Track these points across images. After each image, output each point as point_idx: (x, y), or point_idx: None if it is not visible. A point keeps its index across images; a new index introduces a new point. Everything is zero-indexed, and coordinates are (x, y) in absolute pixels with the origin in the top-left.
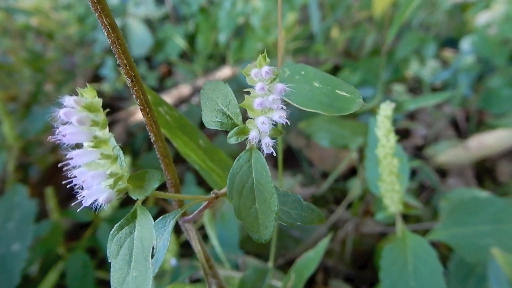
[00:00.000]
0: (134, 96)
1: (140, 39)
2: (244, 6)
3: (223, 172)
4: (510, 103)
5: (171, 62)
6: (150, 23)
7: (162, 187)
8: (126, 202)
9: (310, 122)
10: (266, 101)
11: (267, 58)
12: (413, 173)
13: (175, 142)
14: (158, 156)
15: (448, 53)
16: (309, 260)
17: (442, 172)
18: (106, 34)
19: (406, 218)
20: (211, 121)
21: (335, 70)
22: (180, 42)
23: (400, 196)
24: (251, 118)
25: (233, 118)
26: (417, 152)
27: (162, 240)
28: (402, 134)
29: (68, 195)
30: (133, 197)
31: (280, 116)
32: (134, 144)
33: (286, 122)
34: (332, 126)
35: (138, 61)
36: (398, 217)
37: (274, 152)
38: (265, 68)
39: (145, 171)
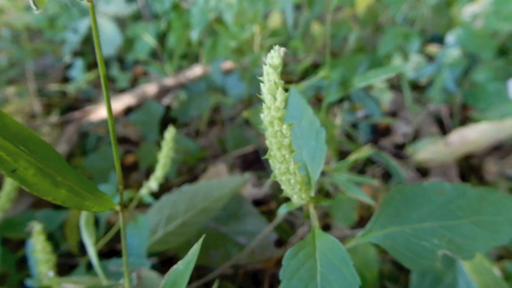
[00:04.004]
0: None
1: (109, 38)
2: (218, 2)
3: (14, 146)
4: (496, 97)
5: (144, 62)
6: (121, 22)
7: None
8: (37, 203)
9: (256, 110)
10: None
11: None
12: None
13: None
14: None
15: (433, 48)
16: (178, 274)
17: (423, 171)
18: None
19: None
20: None
21: (314, 68)
22: (150, 40)
23: (301, 180)
24: None
25: None
26: (398, 150)
27: None
28: (382, 132)
29: None
30: None
31: None
32: (86, 144)
33: None
34: None
35: (109, 61)
36: (311, 211)
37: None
38: None
39: None
